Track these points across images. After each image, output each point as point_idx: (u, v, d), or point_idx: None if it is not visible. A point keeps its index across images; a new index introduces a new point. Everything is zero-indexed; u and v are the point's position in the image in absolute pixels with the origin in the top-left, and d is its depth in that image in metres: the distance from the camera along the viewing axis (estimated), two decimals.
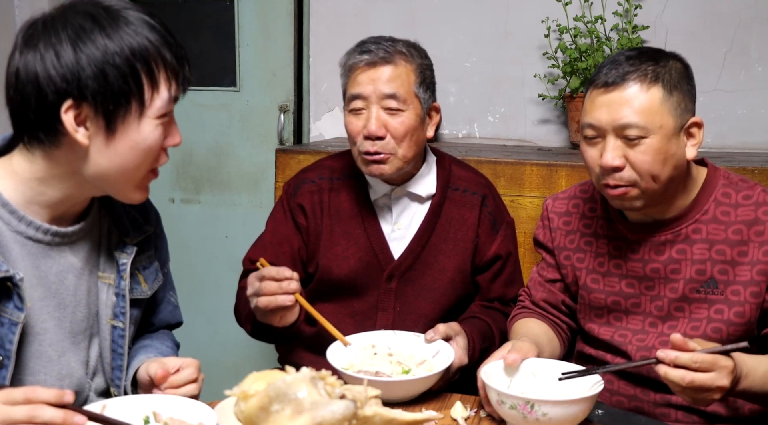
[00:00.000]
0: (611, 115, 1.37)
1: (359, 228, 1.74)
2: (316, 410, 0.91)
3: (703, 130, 1.44)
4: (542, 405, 1.22)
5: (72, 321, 1.26)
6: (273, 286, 1.47)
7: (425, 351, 1.52)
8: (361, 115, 1.66)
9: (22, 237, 1.19)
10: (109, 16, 1.13)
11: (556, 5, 2.48)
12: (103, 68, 1.10)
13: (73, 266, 1.25)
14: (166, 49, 1.15)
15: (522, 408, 1.23)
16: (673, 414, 1.50)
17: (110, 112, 1.12)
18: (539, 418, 1.22)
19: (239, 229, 3.03)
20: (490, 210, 1.77)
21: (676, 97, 1.38)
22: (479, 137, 2.72)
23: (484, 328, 1.67)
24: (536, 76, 2.59)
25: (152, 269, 1.40)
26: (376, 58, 1.64)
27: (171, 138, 1.20)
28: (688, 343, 1.21)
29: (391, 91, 1.63)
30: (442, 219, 1.75)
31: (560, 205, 1.65)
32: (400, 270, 1.73)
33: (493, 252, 1.76)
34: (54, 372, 1.23)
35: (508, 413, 1.26)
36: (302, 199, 1.77)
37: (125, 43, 1.12)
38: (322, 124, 2.91)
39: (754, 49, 2.44)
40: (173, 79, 1.17)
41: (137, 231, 1.35)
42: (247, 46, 2.96)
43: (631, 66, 1.38)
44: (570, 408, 1.24)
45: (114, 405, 1.12)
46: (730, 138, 2.49)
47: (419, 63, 1.68)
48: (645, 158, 1.37)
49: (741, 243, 1.43)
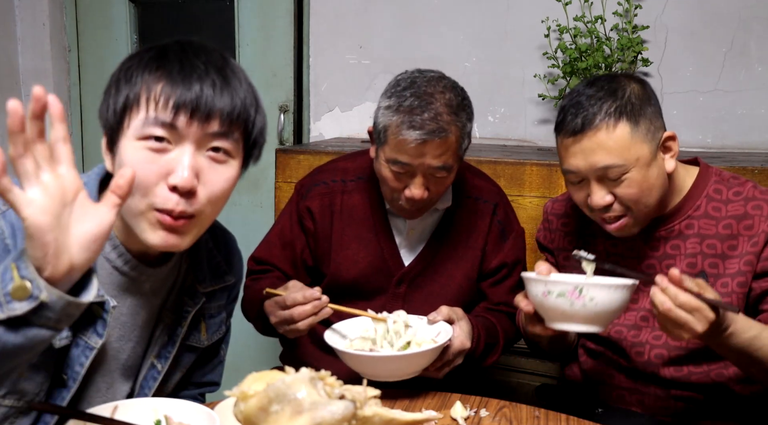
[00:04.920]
0: (587, 161, 1.39)
1: (371, 232, 1.73)
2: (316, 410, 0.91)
3: (677, 141, 1.46)
4: (591, 288, 1.25)
5: (129, 356, 1.25)
6: (308, 309, 1.47)
7: (427, 332, 1.52)
8: (401, 175, 1.57)
9: (110, 266, 1.17)
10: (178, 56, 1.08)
11: (556, 5, 2.48)
12: (110, 89, 1.09)
13: (149, 303, 1.23)
14: (161, 77, 1.06)
15: (570, 294, 1.25)
16: (672, 408, 1.51)
17: (110, 137, 1.10)
18: (586, 304, 1.25)
19: (239, 229, 3.01)
20: (500, 219, 1.77)
21: (643, 124, 1.39)
22: (479, 137, 2.72)
23: (489, 325, 1.67)
24: (536, 76, 2.59)
25: (218, 320, 1.36)
26: (429, 138, 1.50)
27: (174, 174, 1.05)
28: (685, 281, 1.24)
29: (440, 164, 1.54)
30: (454, 227, 1.74)
31: (559, 207, 1.67)
32: (410, 276, 1.73)
33: (499, 261, 1.75)
34: (99, 403, 1.20)
35: (553, 303, 1.28)
36: (311, 203, 1.76)
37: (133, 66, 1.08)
38: (322, 124, 2.91)
39: (754, 49, 2.44)
40: (161, 101, 1.05)
41: (216, 279, 1.32)
42: (247, 46, 2.96)
43: (592, 106, 1.38)
44: (616, 293, 1.26)
45: (125, 408, 1.12)
46: (730, 138, 2.49)
47: (465, 123, 1.56)
48: (631, 191, 1.40)
49: (731, 238, 1.46)
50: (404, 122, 1.51)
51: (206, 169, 1.08)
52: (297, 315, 1.48)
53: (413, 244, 1.75)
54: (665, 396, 1.51)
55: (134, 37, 3.15)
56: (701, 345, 1.46)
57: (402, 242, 1.74)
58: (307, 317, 1.48)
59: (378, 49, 2.82)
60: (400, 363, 1.40)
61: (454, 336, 1.49)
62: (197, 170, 1.07)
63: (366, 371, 1.39)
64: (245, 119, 1.11)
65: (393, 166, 1.57)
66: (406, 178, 1.57)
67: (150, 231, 1.09)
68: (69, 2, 3.17)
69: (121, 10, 3.10)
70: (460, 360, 1.53)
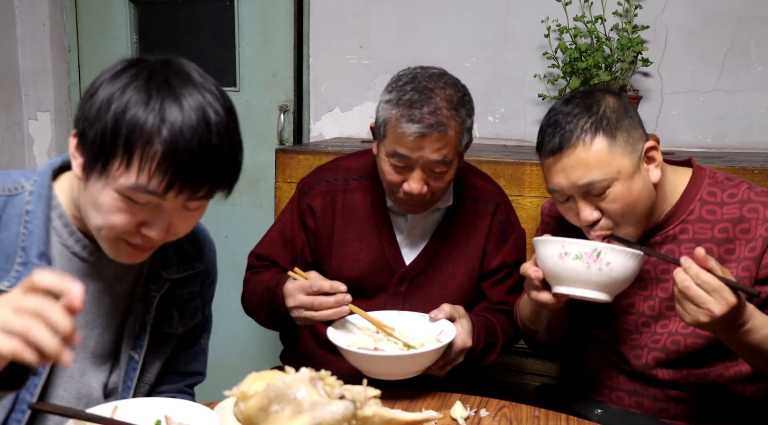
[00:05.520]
0: (569, 179, 1.39)
1: (372, 231, 1.74)
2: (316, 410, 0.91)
3: (659, 150, 1.45)
4: (609, 252, 1.26)
5: (97, 342, 1.25)
6: (330, 301, 1.49)
7: (429, 331, 1.52)
8: (400, 168, 1.58)
9: (69, 252, 1.19)
10: (170, 83, 1.04)
11: (556, 5, 2.48)
12: (98, 110, 1.04)
13: (112, 290, 1.25)
14: (159, 140, 1.01)
15: (588, 256, 1.26)
16: (672, 409, 1.51)
17: (88, 159, 1.07)
18: (602, 268, 1.27)
19: (239, 229, 3.03)
20: (501, 219, 1.77)
21: (621, 137, 1.38)
22: (479, 137, 2.72)
23: (489, 324, 1.67)
24: (536, 76, 2.59)
25: (191, 306, 1.37)
26: (428, 131, 1.51)
27: (150, 228, 1.08)
28: (709, 261, 1.22)
29: (439, 158, 1.54)
30: (455, 227, 1.74)
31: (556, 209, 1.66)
32: (411, 275, 1.73)
33: (499, 261, 1.75)
34: (73, 389, 1.22)
35: (569, 265, 1.29)
36: (313, 201, 1.76)
37: (131, 105, 1.02)
38: (322, 124, 2.91)
39: (754, 49, 2.44)
40: (154, 172, 1.02)
41: (185, 266, 1.33)
42: (247, 46, 2.96)
43: (568, 124, 1.38)
44: (631, 260, 1.28)
45: (125, 408, 1.12)
46: (730, 138, 2.49)
47: (465, 119, 1.57)
48: (616, 206, 1.39)
49: (727, 241, 1.44)
50: (403, 115, 1.52)
51: (179, 220, 1.11)
52: (318, 304, 1.49)
53: (414, 243, 1.75)
54: (664, 397, 1.51)
55: (134, 37, 3.15)
56: (700, 348, 1.46)
57: (403, 241, 1.74)
58: (327, 308, 1.49)
59: (378, 49, 2.82)
60: (404, 363, 1.40)
61: (456, 334, 1.49)
62: (171, 223, 1.10)
63: (370, 370, 1.39)
64: (232, 180, 1.12)
65: (392, 159, 1.57)
66: (405, 172, 1.58)
67: (113, 252, 1.14)
68: (69, 2, 3.17)
69: (121, 10, 3.10)
70: (461, 359, 1.53)
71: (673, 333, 1.48)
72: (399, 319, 1.56)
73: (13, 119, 3.15)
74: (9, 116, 3.13)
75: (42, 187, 1.18)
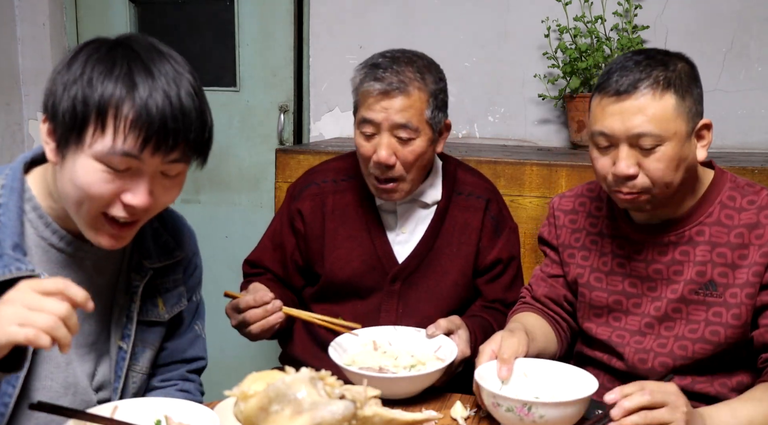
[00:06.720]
0: (624, 124, 1.35)
1: (363, 231, 1.74)
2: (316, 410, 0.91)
3: (712, 131, 1.43)
4: (539, 407, 1.22)
5: (80, 333, 1.25)
6: (258, 313, 1.54)
7: (427, 347, 1.52)
8: (371, 139, 1.64)
9: (46, 244, 1.19)
10: (134, 49, 1.09)
11: (556, 5, 2.48)
12: (65, 86, 1.08)
13: (92, 281, 1.24)
14: (130, 102, 1.05)
15: (519, 410, 1.22)
16: None
17: (61, 135, 1.09)
18: (536, 420, 1.22)
19: (239, 229, 3.03)
20: (493, 214, 1.77)
21: (689, 101, 1.37)
22: (479, 137, 2.72)
23: (485, 324, 1.67)
24: (536, 76, 2.59)
25: (175, 293, 1.37)
26: (390, 88, 1.59)
27: (131, 194, 1.10)
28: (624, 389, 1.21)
29: (403, 120, 1.60)
30: (446, 223, 1.75)
31: (567, 203, 1.65)
32: (404, 274, 1.73)
33: (494, 256, 1.76)
34: (60, 378, 1.22)
35: (504, 416, 1.25)
36: (302, 204, 1.77)
37: (97, 74, 1.06)
38: (322, 124, 2.91)
39: (754, 49, 2.44)
40: (128, 132, 1.06)
41: (165, 256, 1.34)
42: (247, 46, 2.96)
43: (641, 73, 1.36)
44: (567, 409, 1.23)
45: (125, 408, 1.12)
46: (730, 138, 2.49)
47: (432, 89, 1.63)
48: (659, 165, 1.36)
49: (742, 247, 1.43)
50: (368, 75, 1.62)
51: (159, 188, 1.13)
52: (249, 318, 1.54)
53: (407, 241, 1.75)
54: None
55: None
56: (707, 354, 1.45)
57: (395, 239, 1.75)
58: (258, 321, 1.53)
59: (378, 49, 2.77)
60: (410, 384, 1.40)
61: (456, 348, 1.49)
62: (152, 190, 1.12)
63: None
64: (204, 143, 1.15)
65: (361, 127, 1.64)
66: (375, 140, 1.63)
67: (93, 234, 1.14)
68: (69, 2, 3.17)
69: (121, 10, 3.09)
70: (461, 368, 1.55)
71: (680, 337, 1.47)
72: (395, 335, 1.55)
73: (13, 119, 3.15)
74: (9, 116, 3.13)
75: (14, 180, 1.18)
